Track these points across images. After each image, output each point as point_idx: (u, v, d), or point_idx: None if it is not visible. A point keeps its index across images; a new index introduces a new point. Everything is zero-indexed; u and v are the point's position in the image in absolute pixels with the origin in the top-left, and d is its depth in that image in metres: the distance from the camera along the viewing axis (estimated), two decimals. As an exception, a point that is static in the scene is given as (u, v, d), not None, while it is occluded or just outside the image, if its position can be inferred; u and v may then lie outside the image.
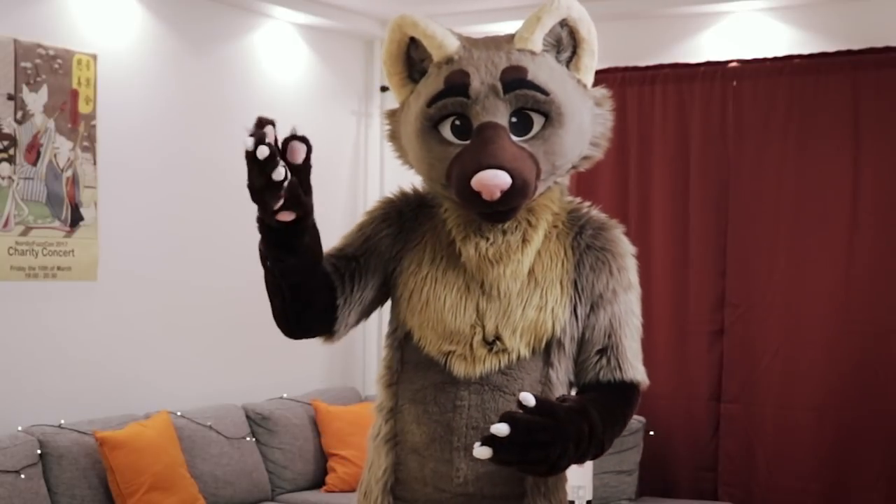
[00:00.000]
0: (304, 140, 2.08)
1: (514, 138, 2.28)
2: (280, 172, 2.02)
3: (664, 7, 5.94)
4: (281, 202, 2.08)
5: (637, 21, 6.07)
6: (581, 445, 2.21)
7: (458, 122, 2.31)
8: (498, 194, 2.22)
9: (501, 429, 2.10)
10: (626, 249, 2.43)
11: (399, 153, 2.50)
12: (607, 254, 2.40)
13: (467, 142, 2.29)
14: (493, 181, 2.21)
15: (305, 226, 2.18)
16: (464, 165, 2.25)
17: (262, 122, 2.03)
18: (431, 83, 2.35)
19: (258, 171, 2.03)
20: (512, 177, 2.22)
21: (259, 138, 2.01)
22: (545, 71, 2.33)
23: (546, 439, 2.14)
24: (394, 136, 2.49)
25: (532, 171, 2.28)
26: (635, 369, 2.40)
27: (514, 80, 2.29)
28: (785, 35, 5.73)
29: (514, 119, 2.30)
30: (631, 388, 2.40)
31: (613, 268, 2.39)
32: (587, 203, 2.51)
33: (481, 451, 2.12)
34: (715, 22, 5.90)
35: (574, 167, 2.44)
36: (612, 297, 2.38)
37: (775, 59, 5.66)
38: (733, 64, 5.75)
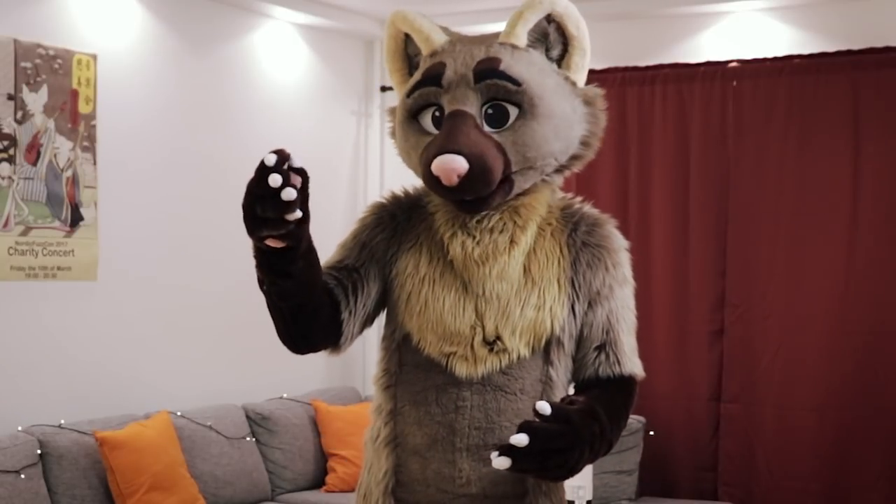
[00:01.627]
0: (301, 171, 2.04)
1: (487, 129, 2.29)
2: (291, 193, 1.99)
3: (664, 7, 5.94)
4: (279, 231, 2.06)
5: (637, 21, 6.07)
6: (595, 446, 2.23)
7: (437, 114, 2.34)
8: (455, 179, 2.22)
9: (521, 439, 2.10)
10: (620, 244, 2.43)
11: (398, 149, 2.53)
12: (603, 250, 2.39)
13: None
14: (450, 165, 2.21)
15: (298, 253, 2.15)
16: (428, 151, 2.28)
17: (282, 157, 2.00)
18: (415, 76, 2.39)
19: (269, 200, 2.00)
20: (469, 162, 2.21)
21: (280, 167, 1.98)
22: (522, 64, 2.32)
23: (564, 446, 2.15)
24: (395, 133, 2.50)
25: (496, 159, 2.26)
26: (633, 363, 2.41)
27: (486, 70, 2.30)
28: (785, 35, 5.73)
29: (490, 111, 2.30)
30: (630, 381, 2.41)
31: (609, 264, 2.39)
32: (579, 199, 2.51)
33: (500, 462, 2.12)
34: (715, 22, 5.90)
35: (565, 167, 2.42)
36: (609, 293, 2.38)
37: (775, 59, 5.66)
38: (733, 64, 5.75)
